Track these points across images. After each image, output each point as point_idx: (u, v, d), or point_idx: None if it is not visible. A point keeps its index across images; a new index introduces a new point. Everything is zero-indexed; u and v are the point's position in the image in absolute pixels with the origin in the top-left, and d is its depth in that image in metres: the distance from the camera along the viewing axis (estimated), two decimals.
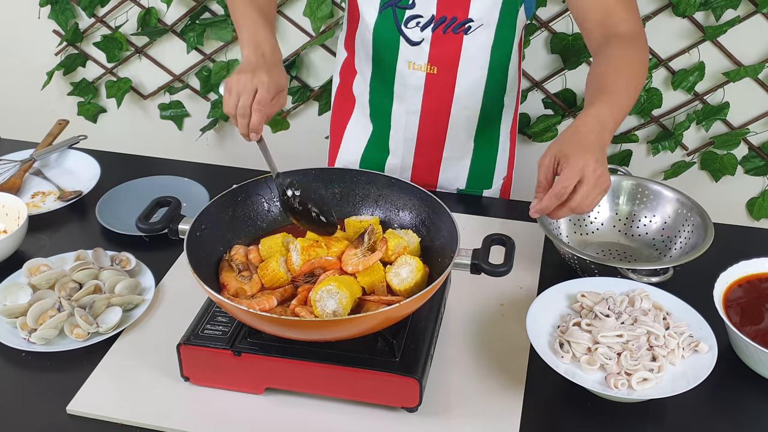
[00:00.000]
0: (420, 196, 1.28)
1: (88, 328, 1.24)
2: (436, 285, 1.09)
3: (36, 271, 1.36)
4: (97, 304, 1.28)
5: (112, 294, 1.32)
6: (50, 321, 1.23)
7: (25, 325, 1.25)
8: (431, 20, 1.49)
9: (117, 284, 1.33)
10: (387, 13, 1.51)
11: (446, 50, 1.51)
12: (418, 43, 1.52)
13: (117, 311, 1.28)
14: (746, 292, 1.28)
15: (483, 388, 1.18)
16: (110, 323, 1.26)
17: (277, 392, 1.16)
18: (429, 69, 1.54)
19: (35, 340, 1.23)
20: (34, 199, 1.65)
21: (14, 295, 1.32)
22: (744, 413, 1.16)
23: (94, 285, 1.32)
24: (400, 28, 1.51)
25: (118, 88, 2.50)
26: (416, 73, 1.55)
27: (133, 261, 1.41)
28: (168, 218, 1.22)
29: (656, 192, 1.49)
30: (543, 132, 2.29)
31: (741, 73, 2.10)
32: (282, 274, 1.18)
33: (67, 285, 1.32)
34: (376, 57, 1.58)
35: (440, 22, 1.48)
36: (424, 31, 1.50)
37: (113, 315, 1.28)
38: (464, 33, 1.49)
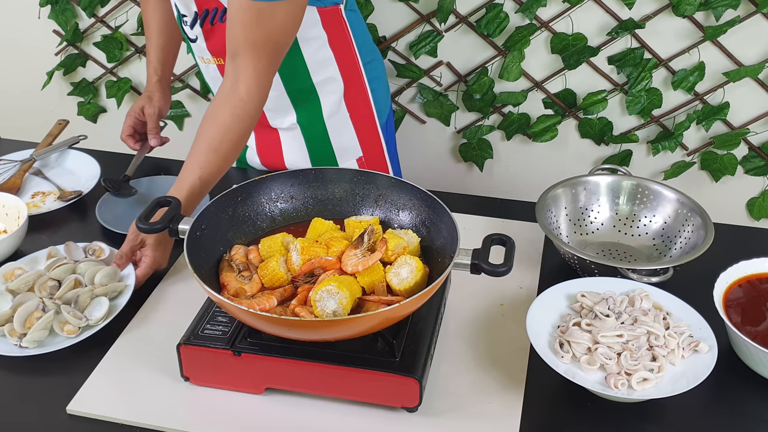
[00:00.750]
0: (420, 196, 1.28)
1: (78, 323, 1.24)
2: (436, 285, 1.09)
3: (11, 276, 1.33)
4: (82, 298, 1.27)
5: (94, 285, 1.31)
6: (39, 323, 1.22)
7: (13, 332, 1.23)
8: (195, 17, 1.51)
9: (96, 274, 1.32)
10: (176, 13, 1.56)
11: (220, 41, 1.51)
12: (195, 40, 1.55)
13: (103, 301, 1.28)
14: (746, 292, 1.28)
15: (483, 388, 1.18)
16: (99, 314, 1.26)
17: (277, 392, 1.16)
18: (216, 61, 1.57)
19: (27, 344, 1.22)
20: (34, 199, 1.65)
21: None
22: (744, 413, 1.16)
23: (74, 279, 1.31)
24: (182, 27, 1.56)
25: (118, 88, 2.50)
26: (209, 66, 1.60)
27: (107, 249, 1.40)
28: (168, 218, 1.22)
29: (656, 192, 1.49)
30: (543, 132, 2.29)
31: (741, 73, 2.10)
32: (282, 274, 1.18)
33: (47, 284, 1.30)
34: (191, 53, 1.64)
35: (204, 16, 1.50)
36: (194, 29, 1.53)
37: (100, 306, 1.28)
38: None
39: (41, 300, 1.26)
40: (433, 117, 2.36)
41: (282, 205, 1.34)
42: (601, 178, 1.52)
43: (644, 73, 2.16)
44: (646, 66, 2.15)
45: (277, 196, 1.33)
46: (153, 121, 1.74)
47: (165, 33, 1.73)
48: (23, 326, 1.23)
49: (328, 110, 1.66)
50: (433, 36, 2.21)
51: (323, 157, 1.71)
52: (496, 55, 2.23)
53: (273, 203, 1.33)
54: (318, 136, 1.68)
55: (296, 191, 1.34)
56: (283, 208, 1.34)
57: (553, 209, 1.47)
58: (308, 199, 1.35)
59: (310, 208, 1.35)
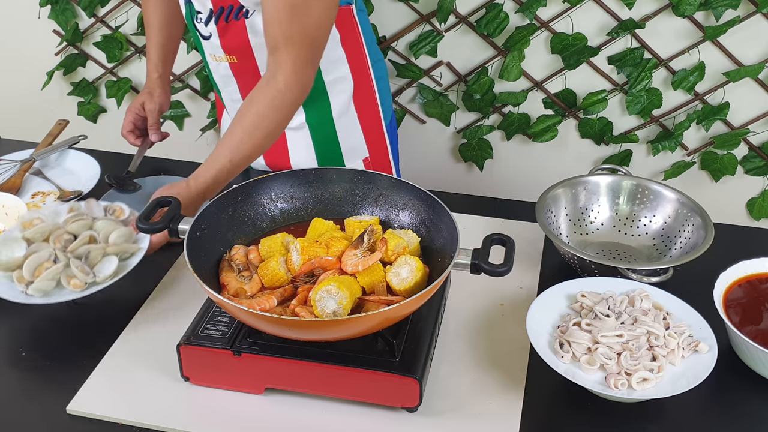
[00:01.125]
0: (420, 196, 1.28)
1: (85, 279, 1.25)
2: (436, 285, 1.09)
3: (29, 225, 1.35)
4: (93, 255, 1.28)
5: (107, 244, 1.31)
6: (47, 273, 1.24)
7: (21, 278, 1.25)
8: (210, 14, 1.51)
9: (111, 234, 1.32)
10: (186, 12, 1.56)
11: (235, 39, 1.52)
12: (209, 37, 1.55)
13: (113, 260, 1.29)
14: (746, 292, 1.28)
15: (483, 388, 1.18)
16: (107, 272, 1.27)
17: (277, 392, 1.16)
18: (229, 59, 1.57)
19: (33, 293, 1.23)
20: (34, 199, 1.65)
21: (9, 249, 1.31)
22: (744, 413, 1.16)
23: (89, 236, 1.32)
24: (194, 25, 1.55)
25: (118, 88, 2.50)
26: (221, 64, 1.59)
27: (127, 210, 1.40)
28: (168, 218, 1.22)
29: (656, 192, 1.49)
30: (543, 132, 2.29)
31: (741, 73, 2.10)
32: (282, 274, 1.18)
33: (62, 237, 1.31)
34: (200, 54, 1.64)
35: (219, 13, 1.50)
36: (208, 26, 1.53)
37: (109, 264, 1.28)
38: (245, 17, 1.49)
39: (54, 251, 1.28)
40: (433, 117, 2.36)
41: (282, 205, 1.34)
42: (601, 178, 1.52)
43: (644, 73, 2.16)
44: (646, 66, 2.15)
45: (277, 196, 1.33)
46: (154, 117, 1.76)
47: (165, 31, 1.74)
48: (32, 274, 1.25)
49: (337, 110, 1.66)
50: (433, 36, 2.21)
51: (330, 158, 1.70)
52: (496, 55, 2.23)
53: (273, 203, 1.33)
54: (326, 136, 1.68)
55: (296, 191, 1.34)
56: (283, 208, 1.34)
57: (553, 209, 1.47)
58: (308, 199, 1.35)
59: (310, 208, 1.35)
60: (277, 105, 1.39)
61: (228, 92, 1.66)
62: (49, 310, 1.34)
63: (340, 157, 1.71)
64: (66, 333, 1.29)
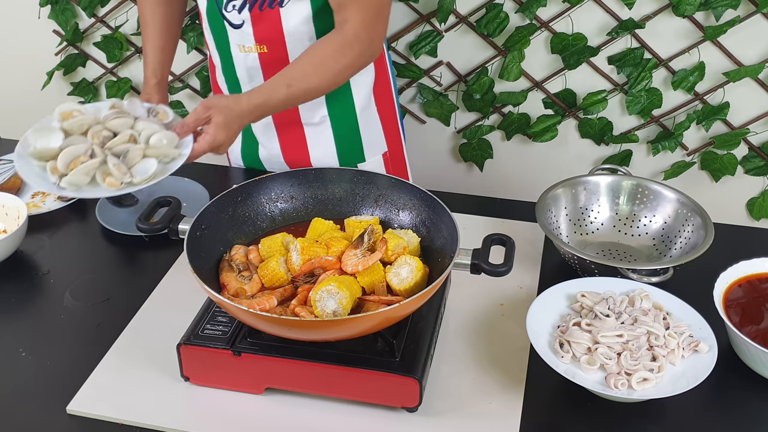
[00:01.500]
0: (420, 196, 1.28)
1: (122, 177, 1.18)
2: (436, 285, 1.09)
3: (68, 115, 1.28)
4: (132, 154, 1.21)
5: (148, 145, 1.25)
6: (82, 167, 1.17)
7: (55, 170, 1.18)
8: (245, 1, 1.50)
9: (153, 135, 1.26)
10: (212, 1, 1.54)
11: (268, 27, 1.52)
12: (240, 25, 1.53)
13: (152, 162, 1.22)
14: (746, 292, 1.28)
15: (483, 388, 1.18)
16: (145, 174, 1.20)
17: (277, 392, 1.16)
18: (259, 49, 1.55)
19: (65, 185, 1.17)
20: (34, 199, 1.65)
21: (45, 138, 1.24)
22: (744, 413, 1.16)
23: (129, 135, 1.24)
24: (222, 13, 1.53)
25: (118, 88, 2.50)
26: (249, 55, 1.57)
27: (170, 114, 1.34)
28: (168, 218, 1.22)
29: (656, 192, 1.49)
30: (543, 132, 2.29)
31: (741, 73, 2.10)
32: (282, 274, 1.18)
33: (101, 133, 1.24)
34: (217, 46, 1.61)
35: (254, 1, 1.49)
36: (242, 13, 1.51)
37: (148, 166, 1.21)
38: (279, 6, 1.49)
39: (91, 146, 1.21)
40: (433, 117, 2.36)
41: (282, 205, 1.34)
42: (601, 178, 1.52)
43: (644, 73, 2.16)
44: (646, 66, 2.15)
45: (277, 196, 1.33)
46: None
47: (164, 34, 1.71)
48: (66, 167, 1.18)
49: (360, 103, 1.66)
50: (433, 36, 2.21)
51: (351, 152, 1.70)
52: (496, 55, 2.23)
53: (273, 203, 1.33)
54: (348, 131, 1.68)
55: (296, 191, 1.35)
56: (283, 208, 1.34)
57: (553, 209, 1.47)
58: (308, 199, 1.35)
59: (310, 208, 1.35)
60: (344, 50, 1.40)
61: (252, 86, 1.61)
62: (49, 310, 1.34)
63: (360, 152, 1.71)
64: (66, 333, 1.29)
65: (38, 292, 1.39)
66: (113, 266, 1.47)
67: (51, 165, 1.19)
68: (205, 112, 1.33)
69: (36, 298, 1.38)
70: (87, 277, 1.42)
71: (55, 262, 1.45)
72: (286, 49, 1.54)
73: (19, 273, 1.43)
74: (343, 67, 1.44)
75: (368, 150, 1.71)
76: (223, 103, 1.34)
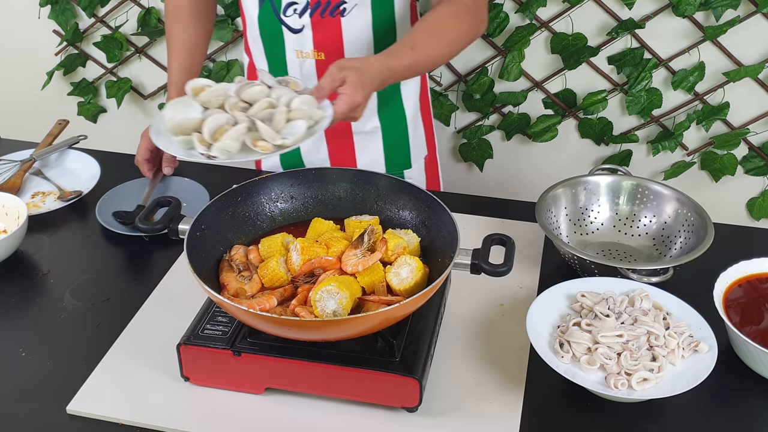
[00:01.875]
0: (420, 196, 1.28)
1: (274, 139, 1.13)
2: (436, 285, 1.09)
3: (200, 90, 1.24)
4: (277, 117, 1.17)
5: (290, 109, 1.20)
6: (231, 132, 1.12)
7: (202, 141, 1.14)
8: (307, 5, 1.50)
9: (293, 100, 1.21)
10: (267, 6, 1.53)
11: (328, 34, 1.52)
12: (300, 30, 1.52)
13: (301, 123, 1.17)
14: (746, 292, 1.28)
15: (483, 388, 1.18)
16: (296, 133, 1.15)
17: (277, 392, 1.16)
18: (317, 56, 1.55)
19: (216, 153, 1.12)
20: (34, 199, 1.65)
21: (183, 111, 1.20)
22: (744, 413, 1.16)
23: (267, 102, 1.20)
24: (280, 18, 1.53)
25: (118, 88, 2.50)
26: (306, 61, 1.56)
27: (301, 83, 1.29)
28: (168, 218, 1.22)
29: (656, 192, 1.49)
30: (543, 132, 2.29)
31: (741, 73, 2.10)
32: (282, 274, 1.18)
33: (238, 104, 1.20)
34: (267, 52, 1.60)
35: (316, 6, 1.49)
36: (302, 17, 1.51)
37: (297, 126, 1.17)
38: (341, 15, 1.49)
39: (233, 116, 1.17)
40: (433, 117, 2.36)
41: (282, 205, 1.34)
42: (601, 178, 1.52)
43: (644, 73, 2.15)
44: (646, 66, 2.15)
45: (277, 196, 1.33)
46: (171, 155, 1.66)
47: (195, 54, 1.67)
48: (212, 137, 1.14)
49: (410, 111, 1.67)
50: None
51: (399, 160, 1.71)
52: (496, 55, 2.23)
53: (273, 203, 1.33)
54: (398, 138, 1.68)
55: (296, 191, 1.35)
56: (283, 208, 1.34)
57: (553, 209, 1.47)
58: (308, 199, 1.35)
59: (310, 208, 1.35)
60: (460, 19, 1.41)
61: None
62: (49, 310, 1.34)
63: (408, 159, 1.71)
64: (66, 333, 1.29)
65: (38, 292, 1.39)
66: (113, 266, 1.47)
67: (198, 136, 1.15)
68: (339, 73, 1.26)
69: (36, 298, 1.38)
70: (87, 277, 1.42)
71: (55, 262, 1.45)
72: (343, 56, 1.54)
73: (19, 273, 1.43)
74: (459, 36, 1.43)
75: (414, 156, 1.72)
76: (355, 63, 1.28)
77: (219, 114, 1.17)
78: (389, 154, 1.70)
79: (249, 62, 1.70)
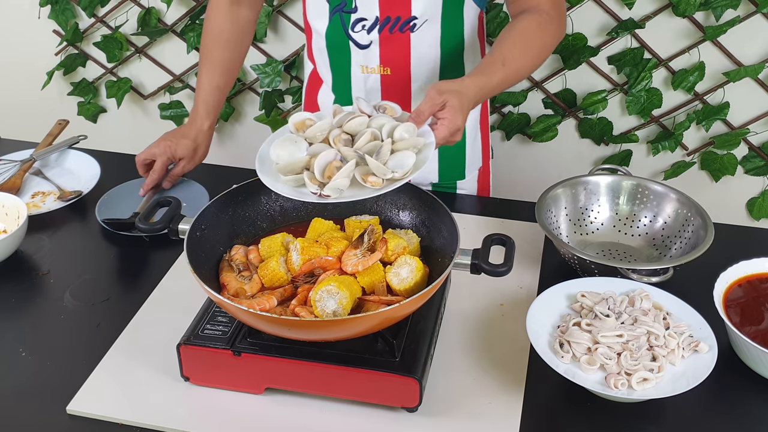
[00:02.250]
0: (420, 196, 1.28)
1: (385, 173, 1.13)
2: (436, 285, 1.09)
3: (302, 125, 1.23)
4: (384, 150, 1.16)
5: (394, 140, 1.19)
6: (343, 170, 1.12)
7: (314, 180, 1.13)
8: (376, 22, 1.49)
9: (396, 129, 1.19)
10: (336, 20, 1.52)
11: (396, 50, 1.52)
12: (367, 46, 1.52)
13: (409, 155, 1.15)
14: (746, 292, 1.28)
15: (483, 388, 1.18)
16: (405, 166, 1.14)
17: (277, 392, 1.16)
18: (382, 71, 1.55)
19: (329, 192, 1.12)
20: (34, 199, 1.65)
21: (289, 150, 1.19)
22: (744, 413, 1.16)
23: (371, 133, 1.18)
24: (348, 33, 1.52)
25: (118, 88, 2.50)
26: (371, 76, 1.56)
27: (398, 110, 1.27)
28: (168, 218, 1.22)
29: (656, 192, 1.49)
30: (543, 132, 2.29)
31: (741, 73, 2.10)
32: (282, 274, 1.18)
33: (341, 137, 1.19)
34: (332, 64, 1.60)
35: (385, 23, 1.49)
36: (370, 34, 1.51)
37: (407, 159, 1.15)
38: (410, 31, 1.49)
39: (338, 151, 1.16)
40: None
41: (282, 205, 1.34)
42: (601, 178, 1.52)
43: (644, 73, 2.16)
44: (646, 66, 2.15)
45: (277, 196, 1.33)
46: (179, 173, 1.64)
47: (229, 74, 1.65)
48: (323, 175, 1.14)
49: (471, 123, 1.67)
50: None
51: (453, 169, 1.70)
52: None
53: (273, 203, 1.33)
54: (455, 149, 1.68)
55: None
56: (283, 208, 1.34)
57: (553, 209, 1.47)
58: None
59: (310, 208, 1.35)
60: (544, 29, 1.40)
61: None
62: (49, 310, 1.34)
63: (462, 169, 1.71)
64: (66, 333, 1.29)
65: (38, 292, 1.39)
66: (113, 266, 1.47)
67: (309, 175, 1.14)
68: (440, 98, 1.24)
69: (36, 298, 1.38)
70: (87, 277, 1.42)
71: (55, 262, 1.45)
72: (410, 72, 1.54)
73: (19, 273, 1.43)
74: (543, 45, 1.42)
75: (468, 167, 1.72)
76: (453, 87, 1.27)
77: (327, 151, 1.16)
78: (444, 165, 1.69)
79: (312, 70, 1.69)
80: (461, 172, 1.71)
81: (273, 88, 2.38)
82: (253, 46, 2.36)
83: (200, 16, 2.36)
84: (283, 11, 2.31)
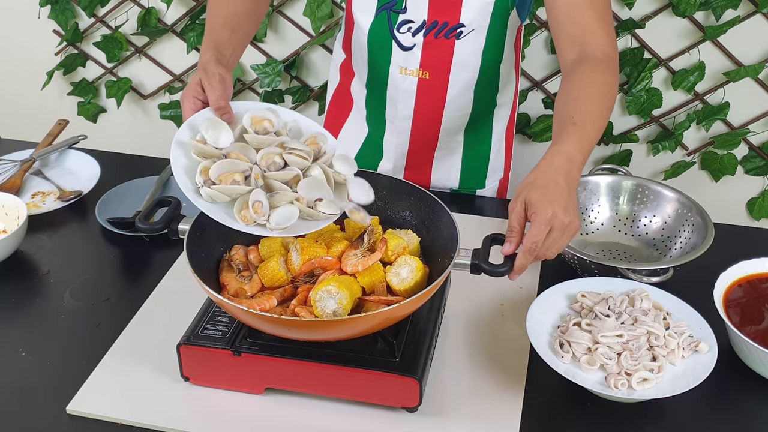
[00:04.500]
0: (420, 196, 1.28)
1: (255, 218, 1.10)
2: (436, 285, 1.09)
3: (259, 122, 1.16)
4: (279, 196, 1.12)
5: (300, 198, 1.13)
6: (228, 188, 1.09)
7: (206, 172, 1.11)
8: (422, 25, 1.49)
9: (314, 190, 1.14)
10: (382, 17, 1.51)
11: (438, 55, 1.51)
12: (410, 48, 1.52)
13: (293, 212, 1.10)
14: (746, 292, 1.28)
15: (483, 388, 1.18)
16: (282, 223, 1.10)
17: (277, 392, 1.16)
18: (421, 74, 1.54)
19: (203, 194, 1.10)
20: (34, 199, 1.65)
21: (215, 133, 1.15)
22: (744, 413, 1.16)
23: (294, 175, 1.14)
24: (393, 33, 1.51)
25: (118, 88, 2.50)
26: (408, 78, 1.55)
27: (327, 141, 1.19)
28: (168, 218, 1.22)
29: (656, 192, 1.49)
30: (543, 132, 2.29)
31: (741, 73, 2.10)
32: (282, 274, 1.18)
33: (272, 157, 1.13)
34: (371, 61, 1.59)
35: (432, 27, 1.48)
36: (415, 37, 1.50)
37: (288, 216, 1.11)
38: (456, 38, 1.49)
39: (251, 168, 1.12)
40: None
41: None
42: (601, 178, 1.52)
43: (644, 72, 2.16)
44: (646, 66, 2.15)
45: None
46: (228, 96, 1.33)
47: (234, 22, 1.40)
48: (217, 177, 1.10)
49: (496, 135, 1.67)
50: None
51: (474, 177, 1.70)
52: None
53: None
54: (478, 158, 1.68)
55: None
56: None
57: None
58: None
59: None
60: (606, 71, 1.26)
61: (400, 108, 1.59)
62: (49, 310, 1.34)
63: (484, 177, 1.71)
64: (66, 333, 1.29)
65: (38, 292, 1.39)
66: (113, 266, 1.47)
67: (204, 165, 1.11)
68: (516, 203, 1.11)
69: (36, 298, 1.38)
70: (87, 277, 1.42)
71: (55, 262, 1.45)
72: (448, 78, 1.54)
73: (19, 273, 1.43)
74: (609, 88, 1.27)
75: (489, 177, 1.72)
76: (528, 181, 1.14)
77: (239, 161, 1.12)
78: (466, 172, 1.69)
79: (345, 59, 1.68)
80: (482, 181, 1.72)
81: (273, 88, 2.38)
82: (253, 46, 2.36)
83: (200, 16, 2.36)
84: (283, 11, 2.31)
